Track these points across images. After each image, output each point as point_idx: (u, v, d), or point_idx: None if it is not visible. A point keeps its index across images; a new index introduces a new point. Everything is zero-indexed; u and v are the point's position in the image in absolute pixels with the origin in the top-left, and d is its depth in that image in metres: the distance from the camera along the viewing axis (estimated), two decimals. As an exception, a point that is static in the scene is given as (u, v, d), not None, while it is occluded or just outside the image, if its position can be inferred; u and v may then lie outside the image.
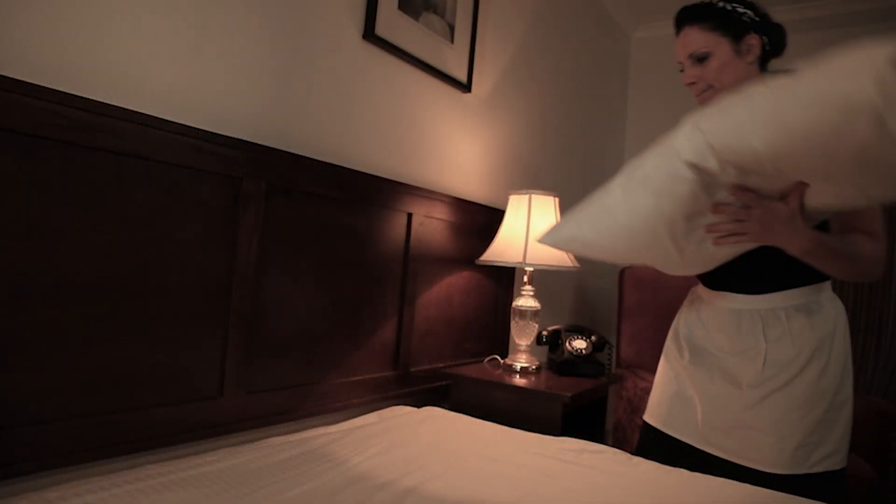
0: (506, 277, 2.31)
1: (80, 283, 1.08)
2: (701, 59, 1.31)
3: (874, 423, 2.14)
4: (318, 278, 1.54)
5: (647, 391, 2.44)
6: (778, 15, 1.39)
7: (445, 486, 1.17)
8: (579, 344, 2.06)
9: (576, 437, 1.59)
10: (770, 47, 1.34)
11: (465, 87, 2.12)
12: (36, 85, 0.99)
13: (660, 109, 3.47)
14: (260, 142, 1.43)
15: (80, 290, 1.08)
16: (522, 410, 1.69)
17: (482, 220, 2.16)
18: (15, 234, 0.99)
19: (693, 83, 1.33)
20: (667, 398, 1.46)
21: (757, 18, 1.32)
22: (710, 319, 1.40)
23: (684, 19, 1.33)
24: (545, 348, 2.20)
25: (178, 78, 1.27)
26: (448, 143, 2.11)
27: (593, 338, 2.09)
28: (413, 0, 1.85)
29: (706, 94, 1.32)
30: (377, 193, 1.69)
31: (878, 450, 2.10)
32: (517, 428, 1.61)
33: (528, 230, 1.95)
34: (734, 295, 1.35)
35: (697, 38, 1.31)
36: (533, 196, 2.00)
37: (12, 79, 0.97)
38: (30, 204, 1.01)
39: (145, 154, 1.15)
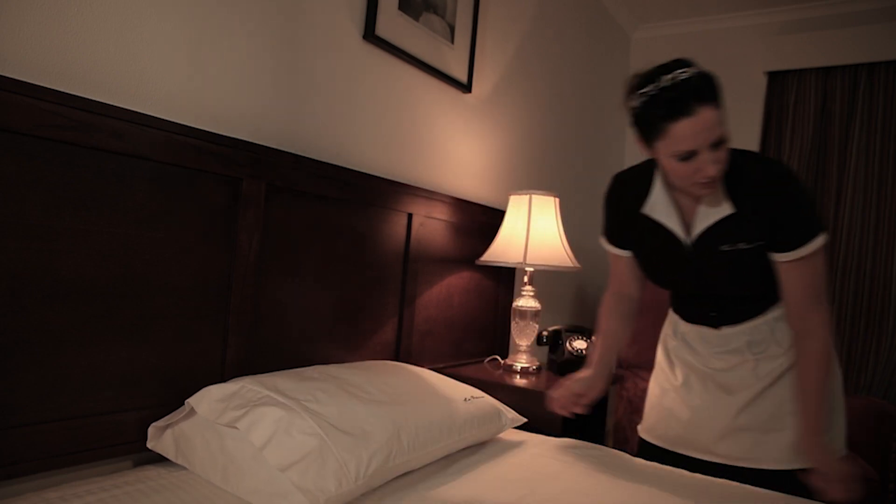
0: (506, 278, 2.31)
1: (80, 283, 1.08)
2: (718, 144, 1.09)
3: (874, 423, 2.14)
4: (319, 279, 1.54)
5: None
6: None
7: (445, 485, 1.16)
8: (580, 344, 2.05)
9: (576, 437, 1.59)
10: None
11: (466, 88, 2.11)
12: (36, 85, 0.99)
13: (660, 110, 3.46)
14: (260, 142, 1.43)
15: (80, 290, 1.08)
16: (523, 411, 1.69)
17: (482, 221, 2.16)
18: (15, 234, 0.99)
19: (711, 177, 1.12)
20: (664, 416, 1.46)
21: None
22: (696, 344, 1.42)
23: (699, 98, 1.06)
24: (545, 349, 2.20)
25: (178, 78, 1.27)
26: (448, 144, 2.11)
27: (594, 338, 2.08)
28: (413, 0, 1.85)
29: (712, 186, 1.16)
30: (377, 194, 1.69)
31: (878, 450, 2.10)
32: (517, 429, 1.61)
33: (529, 230, 1.95)
34: (713, 329, 1.38)
35: (714, 119, 1.07)
36: (533, 196, 2.00)
37: (12, 79, 0.97)
38: (30, 204, 1.01)
39: (145, 154, 1.15)
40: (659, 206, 1.28)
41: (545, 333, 2.12)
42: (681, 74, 1.08)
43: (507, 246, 1.97)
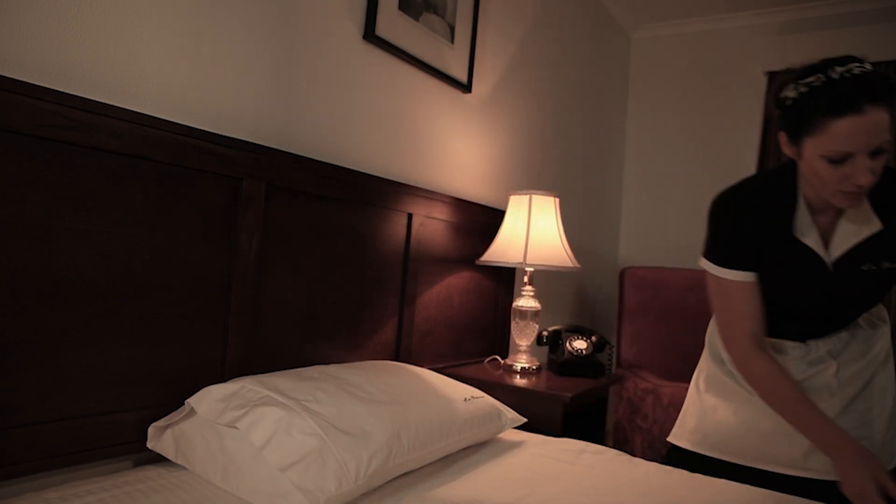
0: (506, 277, 2.31)
1: (80, 283, 1.08)
2: (878, 152, 1.00)
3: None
4: (319, 279, 1.54)
5: (648, 392, 2.44)
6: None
7: (445, 485, 1.16)
8: (580, 344, 2.05)
9: (576, 437, 1.59)
10: None
11: (466, 88, 2.11)
12: (36, 85, 0.99)
13: (660, 109, 3.47)
14: (260, 142, 1.43)
15: (80, 290, 1.08)
16: (523, 411, 1.69)
17: (482, 221, 2.16)
18: (15, 234, 0.99)
19: (861, 187, 1.01)
20: (741, 431, 1.34)
21: None
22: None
23: (872, 97, 0.98)
24: (545, 349, 2.20)
25: (178, 78, 1.27)
26: (448, 144, 2.11)
27: (594, 338, 2.09)
28: (413, 0, 1.85)
29: (858, 199, 1.05)
30: (377, 194, 1.69)
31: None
32: (517, 429, 1.61)
33: (529, 230, 1.95)
34: (796, 343, 1.29)
35: (883, 123, 0.98)
36: (533, 196, 2.00)
37: (12, 79, 0.97)
38: (30, 204, 1.01)
39: (145, 154, 1.15)
40: (804, 225, 1.16)
41: (545, 333, 2.12)
42: (855, 68, 0.99)
43: (507, 246, 1.97)
